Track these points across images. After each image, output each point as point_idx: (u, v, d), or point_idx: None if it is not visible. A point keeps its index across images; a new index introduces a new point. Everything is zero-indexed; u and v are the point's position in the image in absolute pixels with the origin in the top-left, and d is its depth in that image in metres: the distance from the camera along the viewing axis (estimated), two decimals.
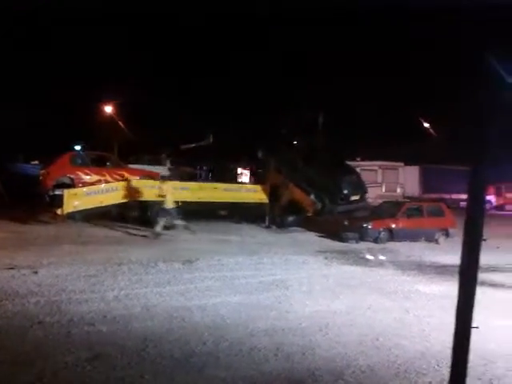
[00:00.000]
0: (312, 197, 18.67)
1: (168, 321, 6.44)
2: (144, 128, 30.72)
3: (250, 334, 6.04)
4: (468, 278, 2.92)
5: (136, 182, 16.80)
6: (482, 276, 10.15)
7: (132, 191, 16.32)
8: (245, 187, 18.72)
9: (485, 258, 10.84)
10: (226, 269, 10.08)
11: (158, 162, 23.88)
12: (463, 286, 2.92)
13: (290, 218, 18.91)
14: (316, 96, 30.38)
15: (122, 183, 16.63)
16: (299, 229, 18.52)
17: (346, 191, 18.93)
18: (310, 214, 19.05)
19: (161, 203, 14.75)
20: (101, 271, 9.16)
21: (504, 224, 24.42)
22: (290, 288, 8.62)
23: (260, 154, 21.59)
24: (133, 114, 31.53)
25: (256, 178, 21.62)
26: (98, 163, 18.06)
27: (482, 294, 8.71)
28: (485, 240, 2.98)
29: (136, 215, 16.92)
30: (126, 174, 17.61)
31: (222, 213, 18.77)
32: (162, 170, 21.12)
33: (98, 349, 5.30)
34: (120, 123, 32.96)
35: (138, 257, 10.83)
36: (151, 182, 17.04)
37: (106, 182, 17.01)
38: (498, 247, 14.81)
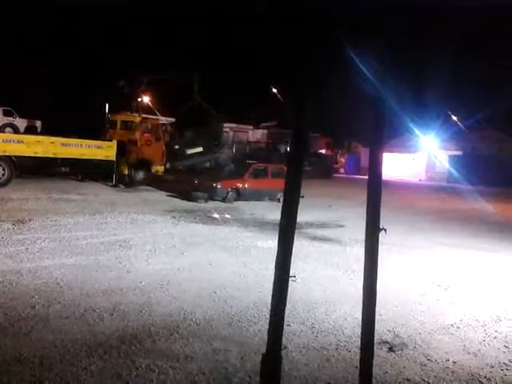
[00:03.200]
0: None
1: None
2: None
3: (85, 296, 5.80)
4: (286, 230, 3.12)
5: None
6: (314, 231, 11.19)
7: None
8: (88, 143, 17.59)
9: (318, 215, 11.95)
10: (63, 229, 9.48)
11: None
12: (282, 238, 3.12)
13: (139, 177, 18.46)
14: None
15: None
16: (149, 188, 18.22)
17: (176, 146, 19.16)
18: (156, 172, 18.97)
19: None
20: None
21: (338, 185, 26.98)
22: (134, 248, 8.45)
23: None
24: None
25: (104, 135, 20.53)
26: None
27: (312, 248, 9.63)
28: (302, 197, 3.21)
29: None
30: None
31: (63, 170, 17.51)
32: None
33: None
34: None
35: None
36: None
37: None
38: (330, 206, 16.35)
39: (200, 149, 19.58)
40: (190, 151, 19.27)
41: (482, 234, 12.34)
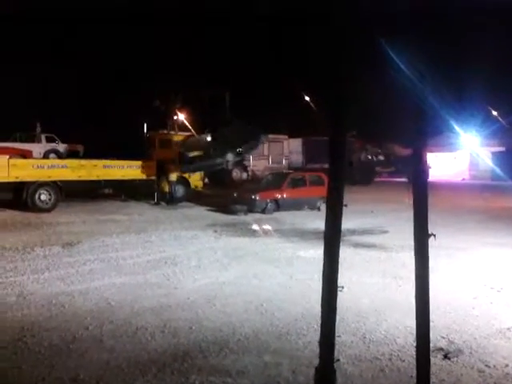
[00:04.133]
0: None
1: (47, 308, 6.09)
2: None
3: (135, 314, 5.93)
4: (331, 241, 3.10)
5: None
6: (357, 238, 11.04)
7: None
8: (129, 163, 18.07)
9: (360, 221, 11.75)
10: (110, 250, 9.74)
11: (32, 139, 22.27)
12: (328, 249, 3.10)
13: (179, 194, 18.77)
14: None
15: None
16: (189, 204, 18.47)
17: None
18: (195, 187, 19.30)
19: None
20: None
21: (379, 189, 26.55)
22: (179, 264, 8.59)
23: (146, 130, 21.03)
24: None
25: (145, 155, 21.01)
26: None
27: (356, 255, 9.49)
28: (346, 206, 3.19)
29: (10, 197, 15.64)
30: None
31: (107, 191, 18.03)
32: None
33: None
34: None
35: (12, 243, 10.05)
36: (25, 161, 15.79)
37: None
38: (372, 211, 16.10)
39: (200, 152, 19.52)
40: (191, 154, 19.35)
41: None
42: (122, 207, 17.05)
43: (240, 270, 8.20)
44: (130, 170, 18.08)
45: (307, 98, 40.48)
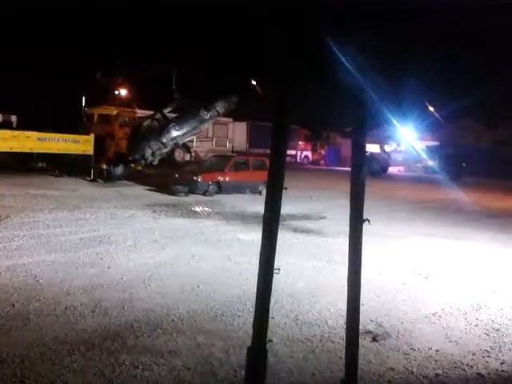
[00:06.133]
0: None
1: None
2: None
3: (65, 293, 5.71)
4: (270, 224, 3.10)
5: None
6: (296, 223, 11.21)
7: None
8: (65, 137, 17.29)
9: (300, 206, 11.94)
10: (41, 226, 9.30)
11: None
12: (266, 231, 3.09)
13: (118, 171, 18.23)
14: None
15: None
16: (128, 182, 18.00)
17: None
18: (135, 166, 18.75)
19: None
20: None
21: (318, 177, 27.14)
22: (114, 243, 8.35)
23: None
24: None
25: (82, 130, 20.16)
26: None
27: (295, 240, 9.64)
28: (285, 189, 3.19)
29: None
30: None
31: (40, 165, 17.19)
32: None
33: None
34: None
35: None
36: None
37: None
38: (311, 197, 16.42)
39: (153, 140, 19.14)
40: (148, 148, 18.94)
41: (459, 223, 12.54)
42: (56, 182, 16.35)
43: (177, 251, 8.09)
44: (65, 143, 17.32)
45: (253, 82, 40.43)
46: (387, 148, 33.94)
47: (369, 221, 2.96)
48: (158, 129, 18.43)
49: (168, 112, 19.30)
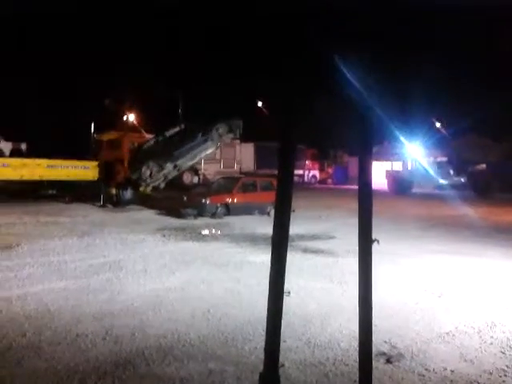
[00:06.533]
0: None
1: None
2: None
3: (76, 321, 5.71)
4: (279, 246, 3.09)
5: None
6: (306, 244, 11.17)
7: None
8: (74, 164, 17.49)
9: (309, 226, 11.90)
10: (52, 253, 9.36)
11: None
12: (275, 254, 3.09)
13: (127, 196, 18.35)
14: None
15: None
16: (137, 207, 18.10)
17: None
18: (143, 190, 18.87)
19: None
20: None
21: (326, 196, 27.08)
22: (124, 269, 8.36)
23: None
24: None
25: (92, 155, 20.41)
26: None
27: (305, 261, 9.59)
28: (293, 211, 3.20)
29: None
30: None
31: (51, 192, 17.37)
32: None
33: None
34: None
35: None
36: None
37: None
38: (320, 217, 16.37)
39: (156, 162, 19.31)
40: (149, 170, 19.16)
41: (469, 239, 12.40)
42: (66, 209, 16.48)
43: (188, 275, 8.08)
44: (75, 170, 17.52)
45: (260, 103, 40.83)
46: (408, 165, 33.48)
47: (378, 241, 2.94)
48: (158, 151, 18.68)
49: (171, 135, 19.54)
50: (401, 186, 28.86)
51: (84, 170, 17.85)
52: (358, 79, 2.88)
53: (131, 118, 33.70)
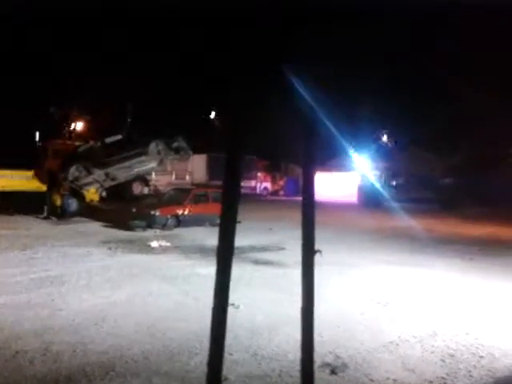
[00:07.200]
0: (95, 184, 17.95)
1: None
2: None
3: (16, 337, 5.43)
4: (224, 258, 3.06)
5: None
6: (256, 255, 11.17)
7: None
8: (16, 173, 16.78)
9: (260, 238, 11.92)
10: None
11: None
12: (220, 266, 3.05)
13: (72, 208, 17.77)
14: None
15: None
16: (83, 219, 17.54)
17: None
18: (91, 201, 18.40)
19: None
20: None
21: (277, 207, 27.29)
22: (66, 283, 8.05)
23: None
24: None
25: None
26: None
27: (255, 272, 9.58)
28: (239, 222, 3.17)
29: None
30: None
31: None
32: None
33: None
34: None
35: None
36: None
37: None
38: (270, 229, 16.45)
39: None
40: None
41: (416, 250, 12.81)
42: (8, 221, 15.77)
43: (134, 289, 7.87)
44: (17, 180, 16.79)
45: (213, 114, 40.83)
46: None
47: (320, 252, 2.97)
48: (90, 156, 18.45)
49: (111, 142, 19.38)
50: (371, 199, 28.70)
51: (28, 181, 17.15)
52: (305, 91, 2.91)
53: (79, 126, 32.87)
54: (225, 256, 3.10)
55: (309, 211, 3.03)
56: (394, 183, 31.46)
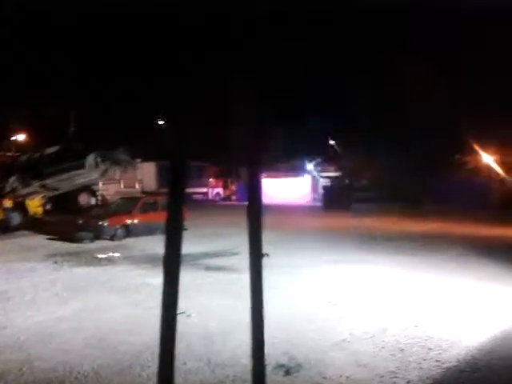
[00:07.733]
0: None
1: None
2: None
3: None
4: (170, 266, 3.02)
5: None
6: (209, 261, 11.09)
7: None
8: None
9: (212, 244, 11.84)
10: None
11: None
12: (167, 274, 3.00)
13: (15, 221, 17.03)
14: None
15: None
16: (27, 232, 16.83)
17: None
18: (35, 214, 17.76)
19: None
20: None
21: (229, 213, 27.23)
22: (11, 300, 7.71)
23: None
24: None
25: None
26: None
27: (208, 278, 9.50)
28: (186, 229, 3.14)
29: None
30: None
31: None
32: None
33: None
34: None
35: None
36: None
37: None
38: (222, 234, 16.38)
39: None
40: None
41: (362, 248, 13.16)
42: None
43: (81, 302, 7.61)
44: None
45: (161, 122, 40.29)
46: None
47: (268, 255, 2.98)
48: (28, 167, 17.95)
49: (50, 153, 18.93)
50: (335, 201, 28.38)
51: None
52: (250, 101, 2.93)
53: (21, 137, 31.57)
54: (172, 264, 3.05)
55: (255, 216, 3.04)
56: (358, 184, 32.44)
